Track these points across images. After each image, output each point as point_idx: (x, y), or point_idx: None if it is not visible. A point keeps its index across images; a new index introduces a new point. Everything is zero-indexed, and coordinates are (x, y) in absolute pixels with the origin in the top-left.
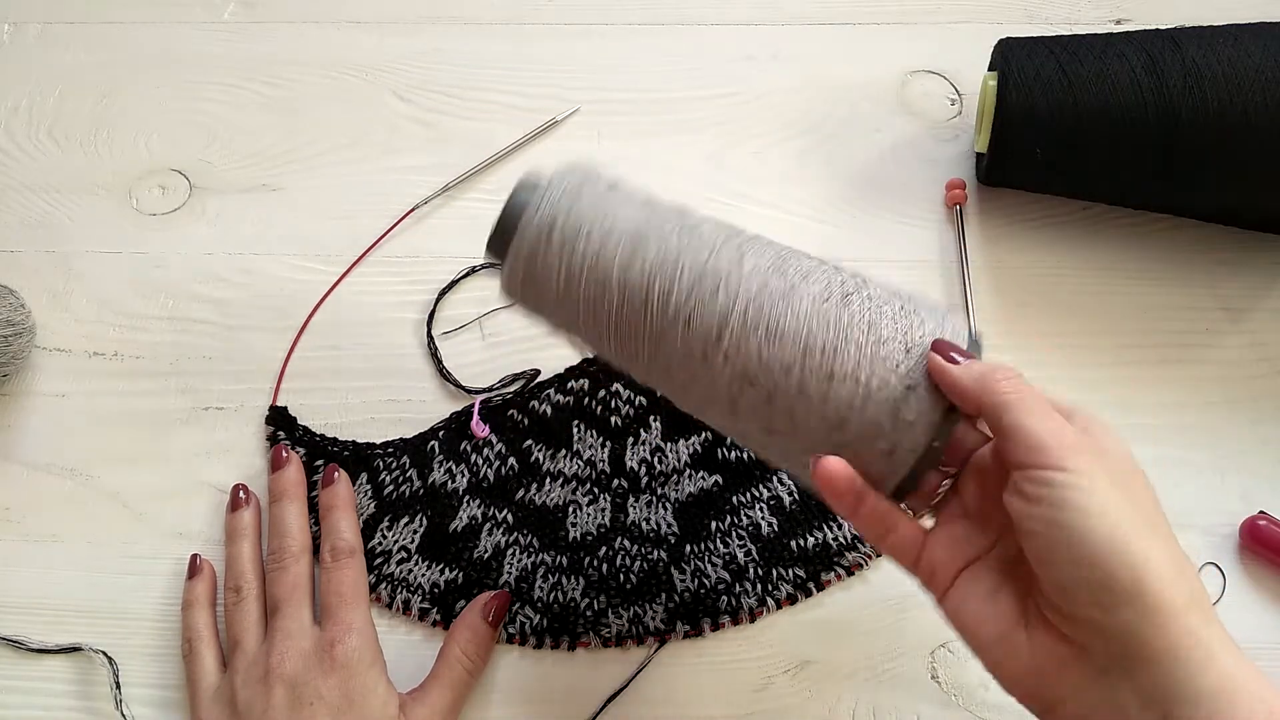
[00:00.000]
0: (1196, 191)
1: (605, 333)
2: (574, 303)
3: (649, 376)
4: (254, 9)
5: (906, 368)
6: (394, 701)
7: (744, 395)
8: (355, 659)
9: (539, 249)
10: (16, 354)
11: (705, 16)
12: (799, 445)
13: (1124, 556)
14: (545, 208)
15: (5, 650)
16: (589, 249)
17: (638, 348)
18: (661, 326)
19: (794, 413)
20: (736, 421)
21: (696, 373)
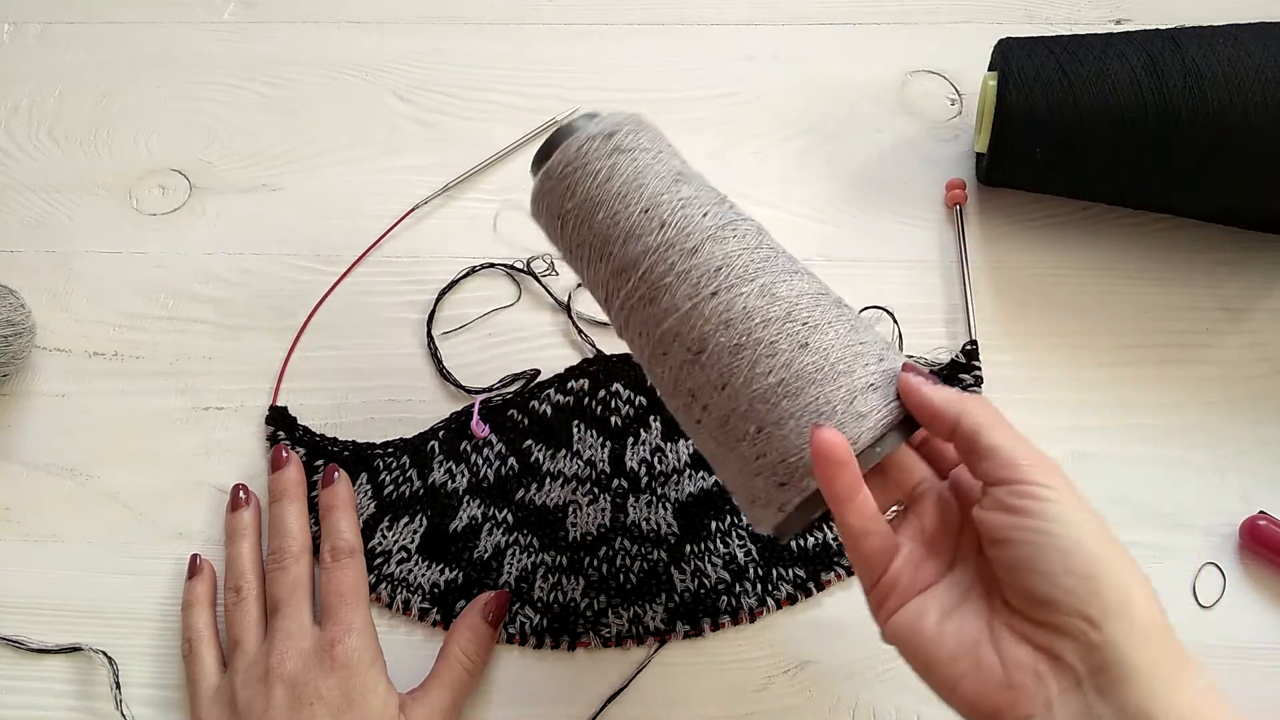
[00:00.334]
0: (1196, 191)
1: (609, 245)
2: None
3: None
4: (254, 9)
5: (874, 370)
6: (394, 701)
7: (715, 337)
8: (355, 659)
9: (572, 167)
10: (16, 354)
11: (705, 16)
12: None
13: (1113, 571)
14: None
15: (5, 650)
16: (636, 163)
17: (634, 267)
18: (664, 245)
19: (756, 367)
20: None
21: (679, 304)
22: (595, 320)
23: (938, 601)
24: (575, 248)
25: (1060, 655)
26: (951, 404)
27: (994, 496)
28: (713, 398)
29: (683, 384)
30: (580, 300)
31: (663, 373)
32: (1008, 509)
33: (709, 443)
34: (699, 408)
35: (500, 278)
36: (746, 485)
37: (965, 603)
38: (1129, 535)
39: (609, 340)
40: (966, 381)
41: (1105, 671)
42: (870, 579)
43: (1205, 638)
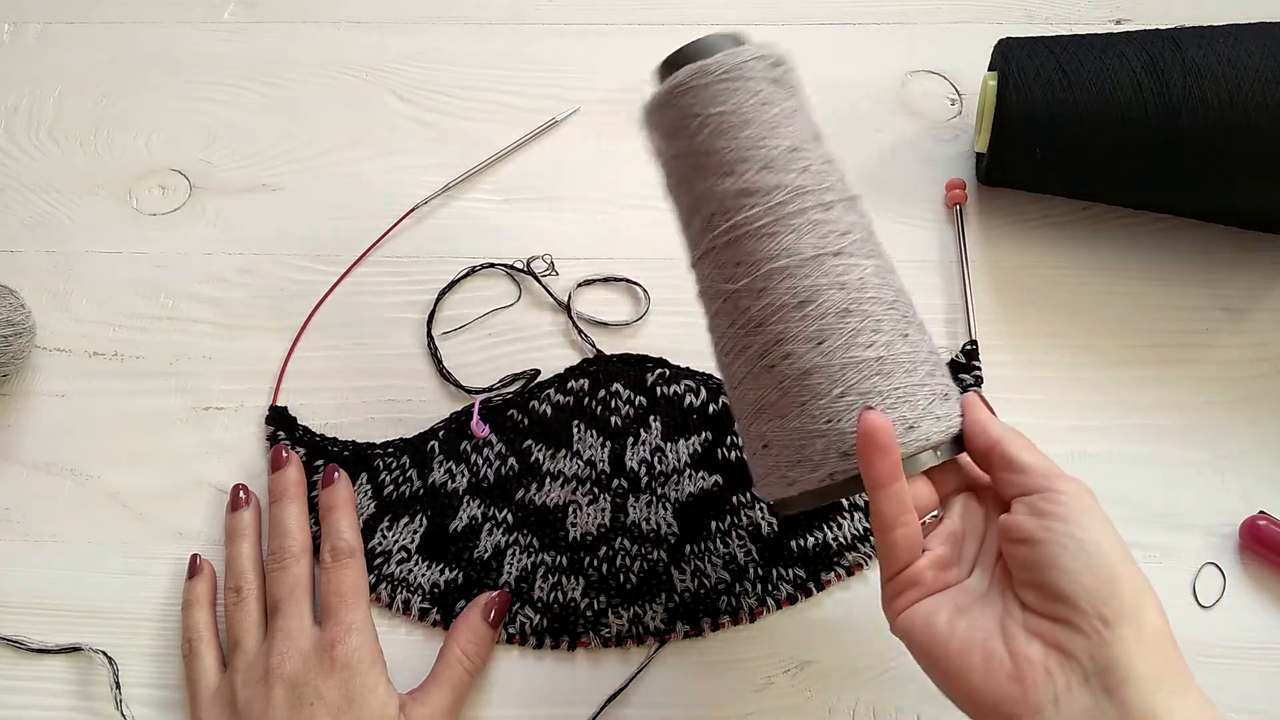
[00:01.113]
0: (1196, 191)
1: (745, 165)
2: (722, 137)
3: (743, 229)
4: (254, 9)
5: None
6: (394, 702)
7: (827, 293)
8: (356, 659)
9: (733, 75)
10: (16, 354)
11: (705, 16)
12: (837, 368)
13: (1129, 578)
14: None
15: (5, 650)
16: (794, 101)
17: (766, 196)
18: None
19: (858, 337)
20: (794, 316)
21: (801, 249)
22: (595, 320)
23: (951, 601)
24: (699, 154)
25: (1071, 652)
26: (996, 428)
27: (1025, 502)
28: (803, 349)
29: (771, 326)
30: (580, 300)
31: (749, 307)
32: (1038, 512)
33: (772, 391)
34: (780, 354)
35: (500, 278)
36: (799, 444)
37: (978, 604)
38: (1129, 535)
39: (609, 340)
40: (966, 381)
41: (1113, 671)
42: (890, 570)
43: (1205, 638)
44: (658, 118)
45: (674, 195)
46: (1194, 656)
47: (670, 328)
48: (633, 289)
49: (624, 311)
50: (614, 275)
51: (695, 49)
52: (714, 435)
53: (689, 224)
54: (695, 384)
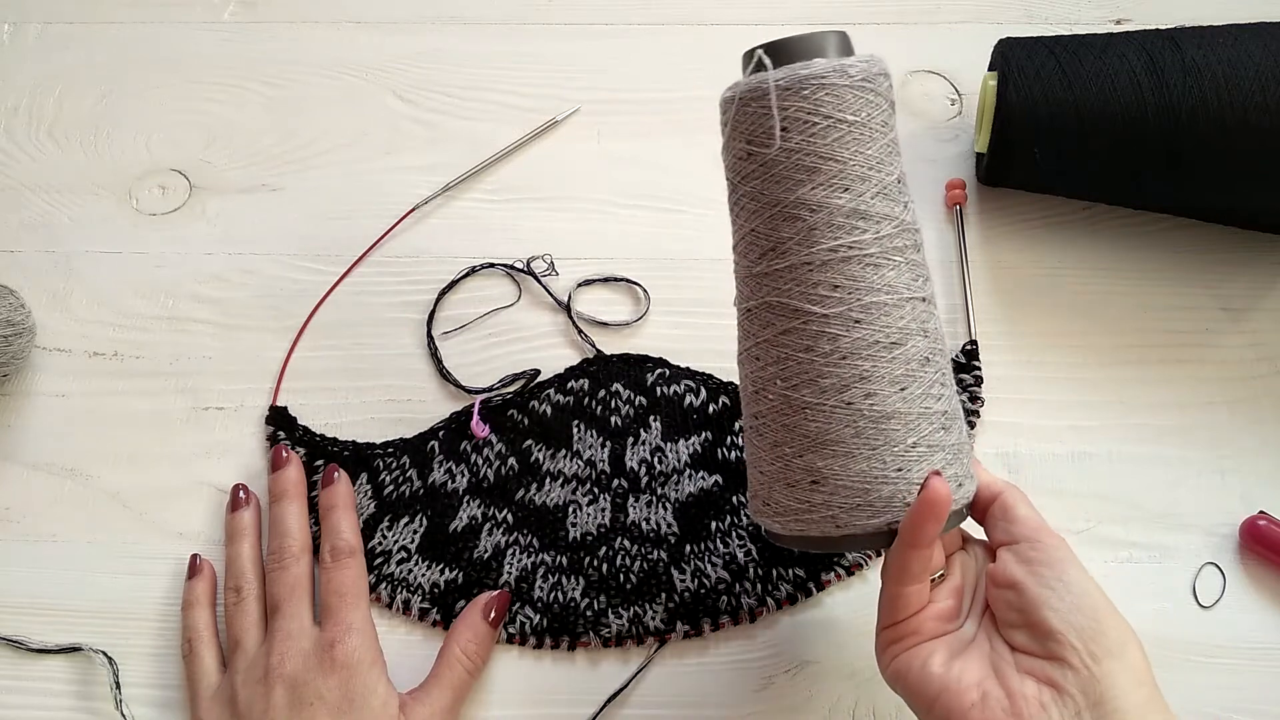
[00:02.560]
0: (1196, 191)
1: (860, 186)
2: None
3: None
4: (254, 9)
5: None
6: (394, 701)
7: (914, 338)
8: (356, 659)
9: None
10: (16, 354)
11: (705, 16)
12: (915, 416)
13: (1114, 620)
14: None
15: (5, 650)
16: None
17: (876, 225)
18: (906, 226)
19: (933, 387)
20: (884, 357)
21: (897, 289)
22: (595, 320)
23: (945, 646)
24: (814, 157)
25: (1064, 687)
26: (996, 482)
27: (1015, 551)
28: (887, 391)
29: (858, 361)
30: (580, 300)
31: (839, 336)
32: (1025, 560)
33: (845, 429)
34: (862, 392)
35: (500, 278)
36: (863, 487)
37: (968, 650)
38: (1129, 535)
39: (609, 340)
40: (967, 381)
41: (1103, 704)
42: (892, 619)
43: (1205, 638)
44: (764, 106)
45: (753, 193)
46: (1194, 656)
47: (670, 328)
48: (633, 289)
49: (624, 311)
50: (614, 275)
51: (813, 44)
52: (714, 435)
53: (768, 229)
54: (695, 384)
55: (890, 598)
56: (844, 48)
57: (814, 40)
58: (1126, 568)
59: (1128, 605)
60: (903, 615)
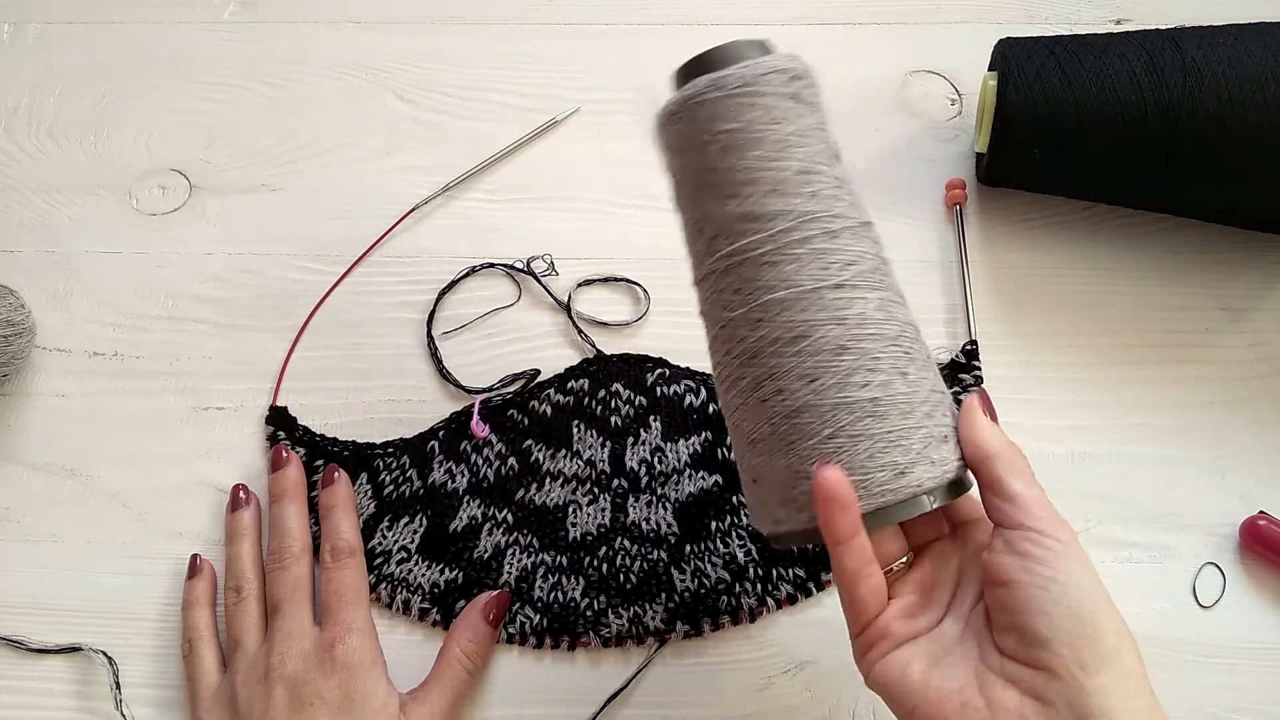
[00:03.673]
0: (1196, 191)
1: (752, 187)
2: (729, 155)
3: (742, 254)
4: (254, 9)
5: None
6: (394, 701)
7: (823, 329)
8: (356, 659)
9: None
10: (16, 354)
11: (705, 16)
12: (829, 408)
13: (1111, 623)
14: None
15: (5, 650)
16: (810, 119)
17: (770, 222)
18: (810, 216)
19: (854, 376)
20: (788, 352)
21: (800, 281)
22: (595, 320)
23: (925, 650)
24: (706, 171)
25: (1048, 699)
26: (992, 442)
27: (1007, 540)
28: (795, 386)
29: (764, 359)
30: (580, 300)
31: (745, 337)
32: (1019, 553)
33: (764, 427)
34: (772, 389)
35: (500, 278)
36: (786, 483)
37: (952, 653)
38: (1129, 535)
39: (609, 340)
40: (966, 381)
41: (1091, 717)
42: (858, 624)
43: (1205, 638)
44: (668, 130)
45: (680, 209)
46: (1194, 656)
47: (670, 328)
48: (633, 289)
49: (624, 311)
50: (614, 275)
51: (716, 56)
52: (714, 435)
53: (693, 241)
54: (695, 384)
55: (844, 600)
56: (756, 52)
57: (716, 55)
58: (1126, 568)
59: (1127, 605)
60: (864, 618)
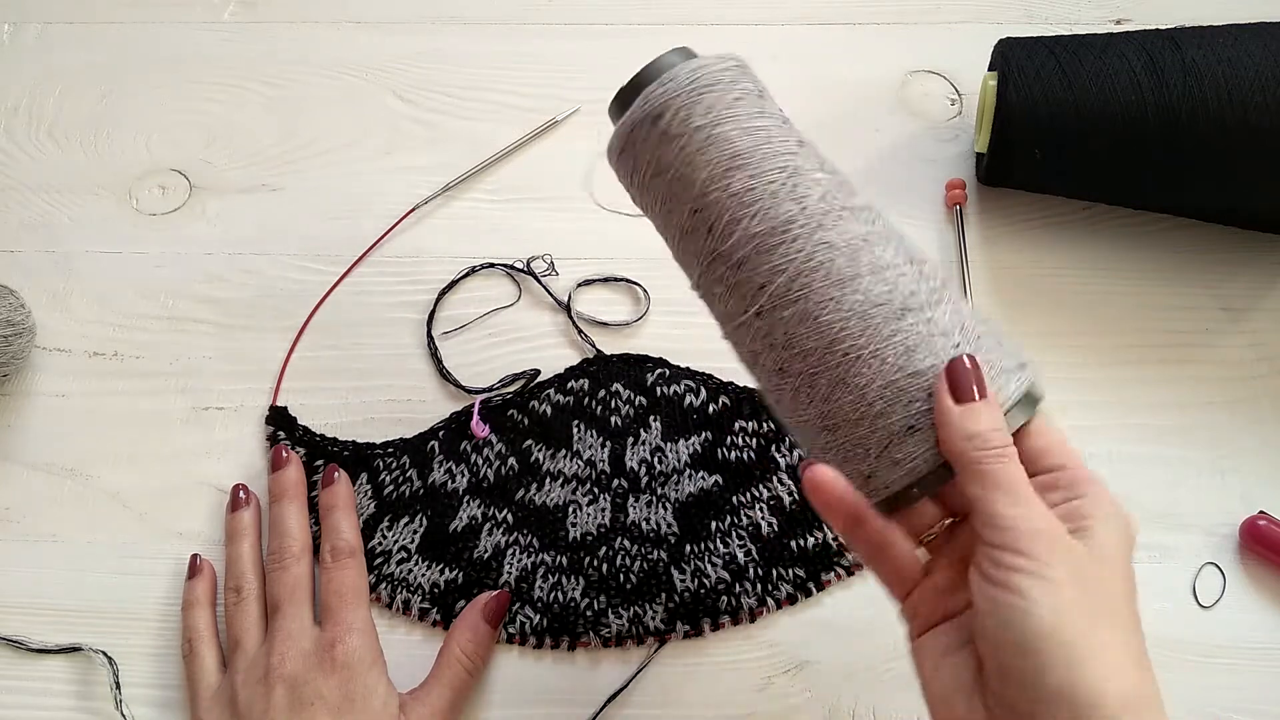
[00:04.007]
0: (1196, 191)
1: (672, 232)
2: (656, 190)
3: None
4: (254, 9)
5: (919, 410)
6: (394, 702)
7: (762, 356)
8: (356, 659)
9: (656, 117)
10: (16, 354)
11: (705, 16)
12: (791, 426)
13: (1059, 653)
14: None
15: (5, 650)
16: (690, 144)
17: (694, 258)
18: (716, 253)
19: (797, 396)
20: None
21: (730, 316)
22: (595, 320)
23: (944, 639)
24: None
25: None
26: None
27: (977, 558)
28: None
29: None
30: (580, 300)
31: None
32: (984, 575)
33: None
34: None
35: (500, 278)
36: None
37: (965, 647)
38: None
39: (609, 340)
40: None
41: None
42: (896, 597)
43: (1205, 638)
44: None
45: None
46: (1194, 656)
47: (670, 328)
48: (633, 289)
49: (624, 311)
50: (614, 275)
51: (639, 79)
52: (714, 435)
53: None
54: (695, 384)
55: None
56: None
57: (637, 81)
58: None
59: None
60: (898, 595)
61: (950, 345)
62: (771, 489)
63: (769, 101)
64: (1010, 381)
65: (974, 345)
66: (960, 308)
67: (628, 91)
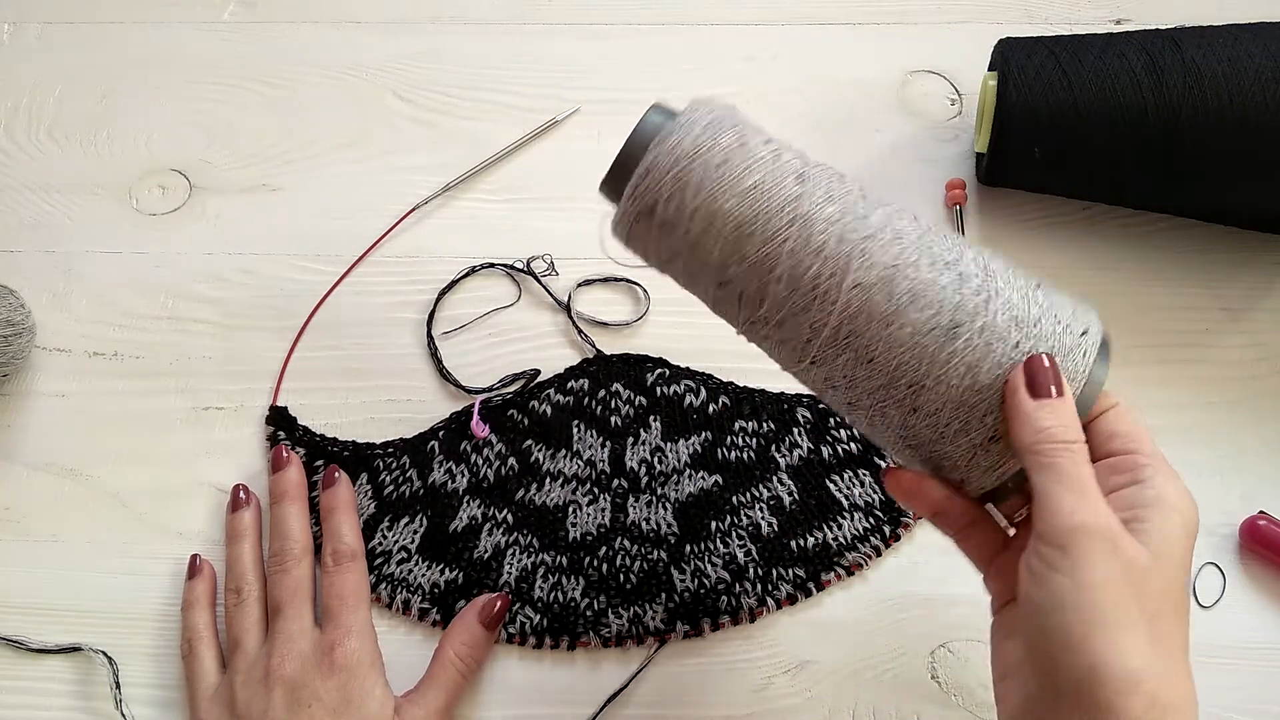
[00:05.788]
0: (1196, 192)
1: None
2: (674, 272)
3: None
4: (254, 9)
5: (997, 419)
6: (390, 704)
7: (827, 394)
8: (355, 661)
9: (649, 211)
10: (16, 354)
11: (705, 17)
12: (877, 438)
13: (1078, 654)
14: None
15: (5, 650)
16: (692, 229)
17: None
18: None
19: (873, 421)
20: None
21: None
22: (595, 320)
23: (1009, 618)
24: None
25: None
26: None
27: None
28: (849, 422)
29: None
30: (580, 300)
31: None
32: (1028, 566)
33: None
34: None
35: (500, 278)
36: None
37: None
38: None
39: (609, 340)
40: None
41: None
42: (980, 565)
43: (1205, 638)
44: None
45: None
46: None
47: (670, 328)
48: (633, 289)
49: (624, 311)
50: (614, 275)
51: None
52: (714, 435)
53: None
54: (695, 384)
55: (964, 552)
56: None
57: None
58: None
59: None
60: (982, 565)
61: (1010, 348)
62: (771, 489)
63: (753, 140)
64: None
65: (1033, 334)
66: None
67: (615, 174)
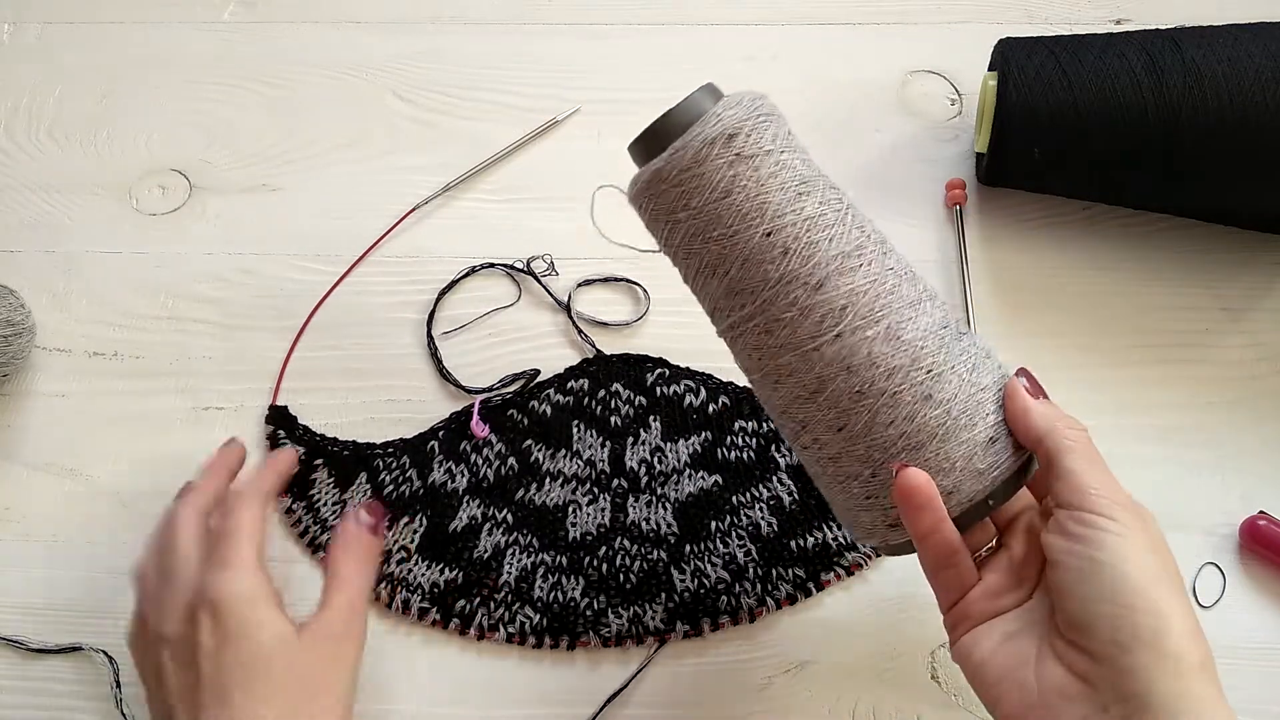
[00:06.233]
0: (1196, 192)
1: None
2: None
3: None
4: (254, 9)
5: (993, 421)
6: (289, 628)
7: (835, 381)
8: (229, 598)
9: (731, 136)
10: (16, 354)
11: (705, 16)
12: (863, 451)
13: (1152, 604)
14: (750, 106)
15: (5, 650)
16: (764, 166)
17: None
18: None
19: (877, 417)
20: (810, 406)
21: (799, 342)
22: (595, 320)
23: (1000, 628)
24: (684, 256)
25: (1092, 680)
26: (1044, 419)
27: (1058, 519)
28: (826, 436)
29: (793, 414)
30: (580, 300)
31: (771, 398)
32: (1066, 534)
33: (814, 466)
34: (809, 438)
35: (500, 278)
36: (851, 515)
37: (1028, 629)
38: None
39: (609, 340)
40: None
41: (1131, 700)
42: (945, 604)
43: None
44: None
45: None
46: None
47: (670, 328)
48: (633, 289)
49: (624, 311)
50: (614, 275)
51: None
52: (714, 435)
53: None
54: (695, 384)
55: (931, 584)
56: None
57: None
58: None
59: None
60: (949, 601)
61: (995, 365)
62: (771, 489)
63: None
64: None
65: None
66: None
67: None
